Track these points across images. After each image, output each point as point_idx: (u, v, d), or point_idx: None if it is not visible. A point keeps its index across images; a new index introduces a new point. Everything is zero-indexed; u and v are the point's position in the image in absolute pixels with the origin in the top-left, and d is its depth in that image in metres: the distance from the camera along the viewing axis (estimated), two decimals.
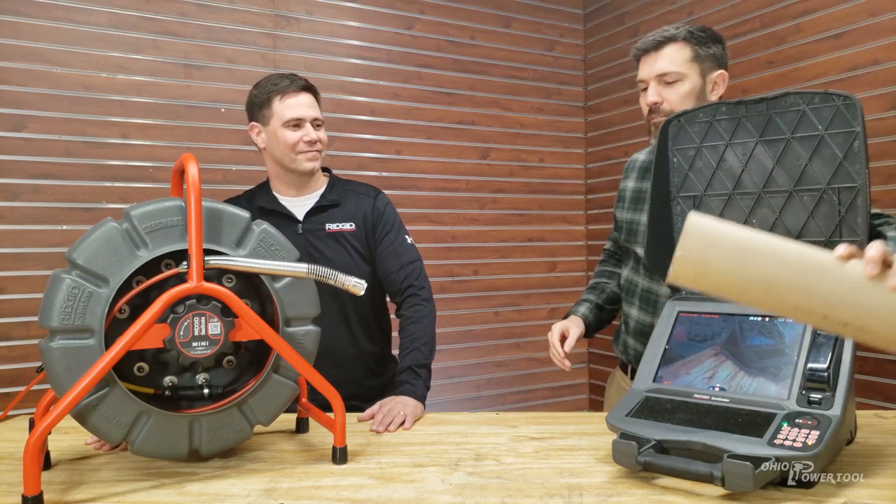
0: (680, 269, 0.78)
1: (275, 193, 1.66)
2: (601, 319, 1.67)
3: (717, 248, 0.77)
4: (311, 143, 1.58)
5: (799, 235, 1.12)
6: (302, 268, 1.05)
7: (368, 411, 1.38)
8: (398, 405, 1.37)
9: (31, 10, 2.25)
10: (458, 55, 3.05)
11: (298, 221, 1.62)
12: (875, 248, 0.73)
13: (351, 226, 1.63)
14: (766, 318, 1.10)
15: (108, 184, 2.37)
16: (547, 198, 3.30)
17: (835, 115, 1.05)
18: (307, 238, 1.61)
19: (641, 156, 1.64)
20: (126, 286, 0.98)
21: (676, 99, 1.42)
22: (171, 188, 1.14)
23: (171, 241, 1.01)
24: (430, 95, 2.99)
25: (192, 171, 0.99)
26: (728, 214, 1.19)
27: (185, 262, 0.99)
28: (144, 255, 0.99)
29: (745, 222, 1.17)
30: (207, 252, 1.01)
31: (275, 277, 1.08)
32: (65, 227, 2.30)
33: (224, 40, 2.56)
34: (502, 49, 3.16)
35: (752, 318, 1.12)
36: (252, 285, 1.10)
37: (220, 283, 1.04)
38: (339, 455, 1.09)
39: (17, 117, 2.24)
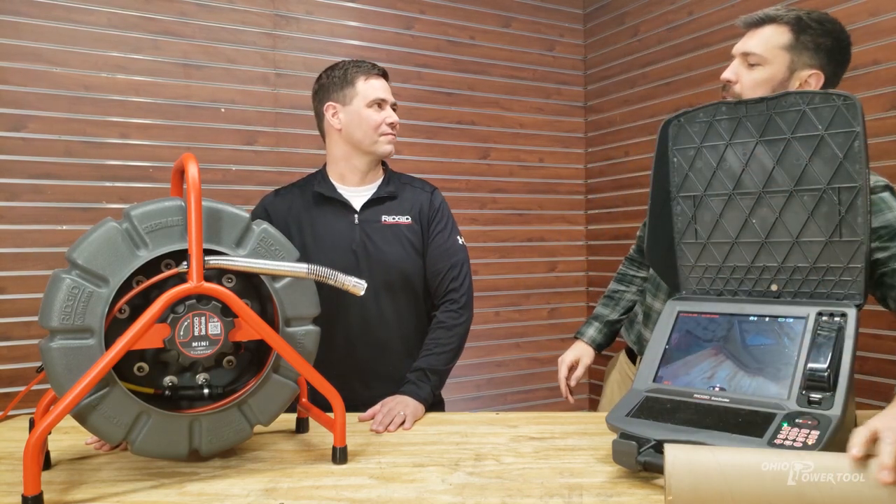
0: None
1: (332, 182, 1.63)
2: (613, 332, 1.67)
3: (707, 480, 0.77)
4: (393, 125, 1.59)
5: (799, 235, 1.12)
6: (302, 268, 1.05)
7: (370, 411, 1.38)
8: (399, 405, 1.37)
9: (31, 10, 2.25)
10: (458, 55, 3.05)
11: (355, 212, 1.60)
12: (888, 453, 0.72)
13: (407, 219, 1.62)
14: (766, 318, 1.10)
15: (108, 184, 2.37)
16: (547, 198, 3.30)
17: (835, 115, 1.05)
18: (363, 229, 1.59)
19: None
20: (126, 286, 0.98)
21: (750, 83, 1.32)
22: (171, 188, 1.14)
23: (171, 241, 1.01)
24: (430, 95, 2.99)
25: (192, 170, 0.99)
26: (728, 214, 1.19)
27: (185, 262, 0.99)
28: (144, 255, 0.99)
29: (745, 222, 1.17)
30: (207, 252, 1.01)
31: (275, 277, 1.08)
32: (65, 227, 2.31)
33: (224, 40, 2.56)
34: (502, 49, 3.16)
35: (752, 317, 1.12)
36: (252, 285, 1.10)
37: (220, 283, 1.04)
38: (339, 455, 1.09)
39: (17, 117, 2.24)
